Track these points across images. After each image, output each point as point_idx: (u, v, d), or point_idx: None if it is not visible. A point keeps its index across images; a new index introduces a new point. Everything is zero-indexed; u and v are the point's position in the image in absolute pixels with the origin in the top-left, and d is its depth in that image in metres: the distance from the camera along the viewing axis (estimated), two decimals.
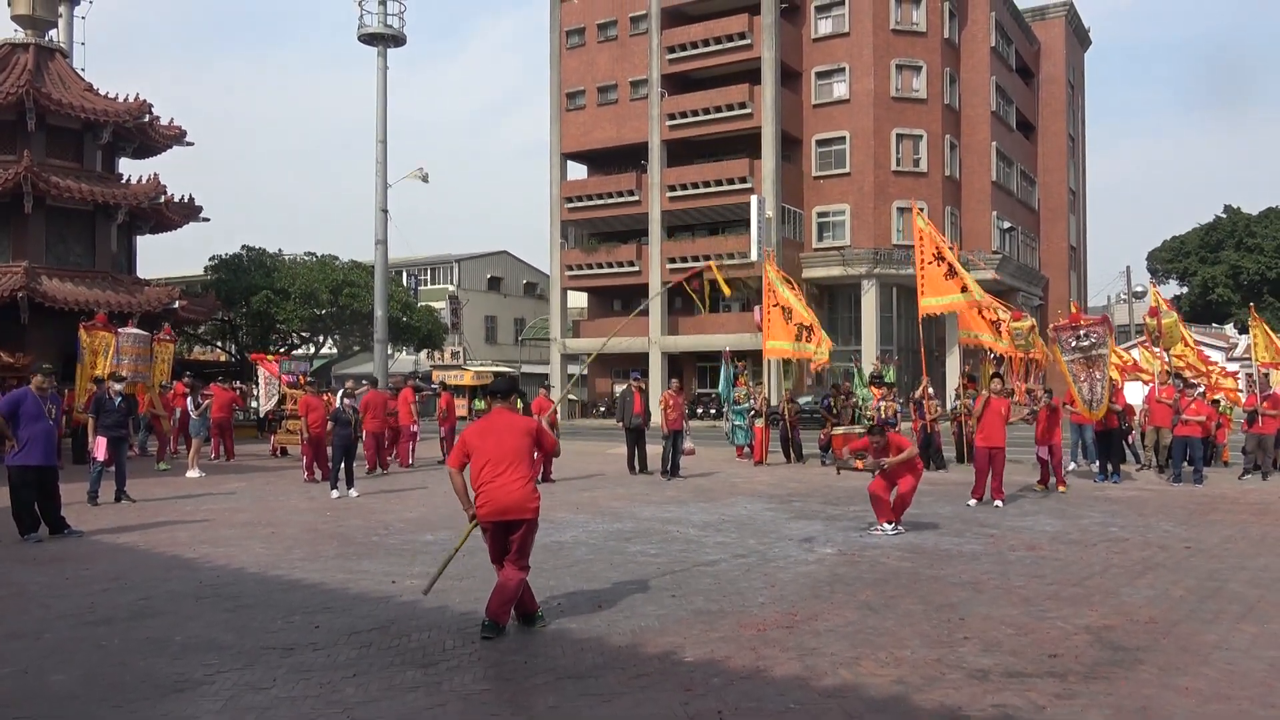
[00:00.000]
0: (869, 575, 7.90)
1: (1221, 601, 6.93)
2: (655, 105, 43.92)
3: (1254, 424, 15.93)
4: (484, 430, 6.24)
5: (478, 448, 6.16)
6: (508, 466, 6.07)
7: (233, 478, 16.42)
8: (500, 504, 6.03)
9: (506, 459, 6.08)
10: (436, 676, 5.22)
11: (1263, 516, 11.40)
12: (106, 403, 12.75)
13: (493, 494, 6.03)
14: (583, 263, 46.27)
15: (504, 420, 6.29)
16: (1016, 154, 50.21)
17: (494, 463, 6.07)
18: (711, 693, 4.92)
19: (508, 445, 6.13)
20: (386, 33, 29.69)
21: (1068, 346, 15.25)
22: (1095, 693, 4.91)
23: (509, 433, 6.19)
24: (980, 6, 45.93)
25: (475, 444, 6.18)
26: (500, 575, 6.12)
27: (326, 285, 35.69)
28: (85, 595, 7.24)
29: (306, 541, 9.71)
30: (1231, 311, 62.28)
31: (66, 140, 24.79)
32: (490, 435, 6.18)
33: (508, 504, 6.03)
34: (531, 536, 6.20)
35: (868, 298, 41.61)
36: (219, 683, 5.13)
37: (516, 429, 6.24)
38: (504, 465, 6.06)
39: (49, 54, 25.48)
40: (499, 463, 6.07)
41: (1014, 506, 12.31)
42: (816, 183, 43.73)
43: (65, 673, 5.34)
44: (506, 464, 6.07)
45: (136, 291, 24.93)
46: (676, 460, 16.63)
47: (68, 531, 10.06)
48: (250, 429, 27.09)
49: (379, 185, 29.49)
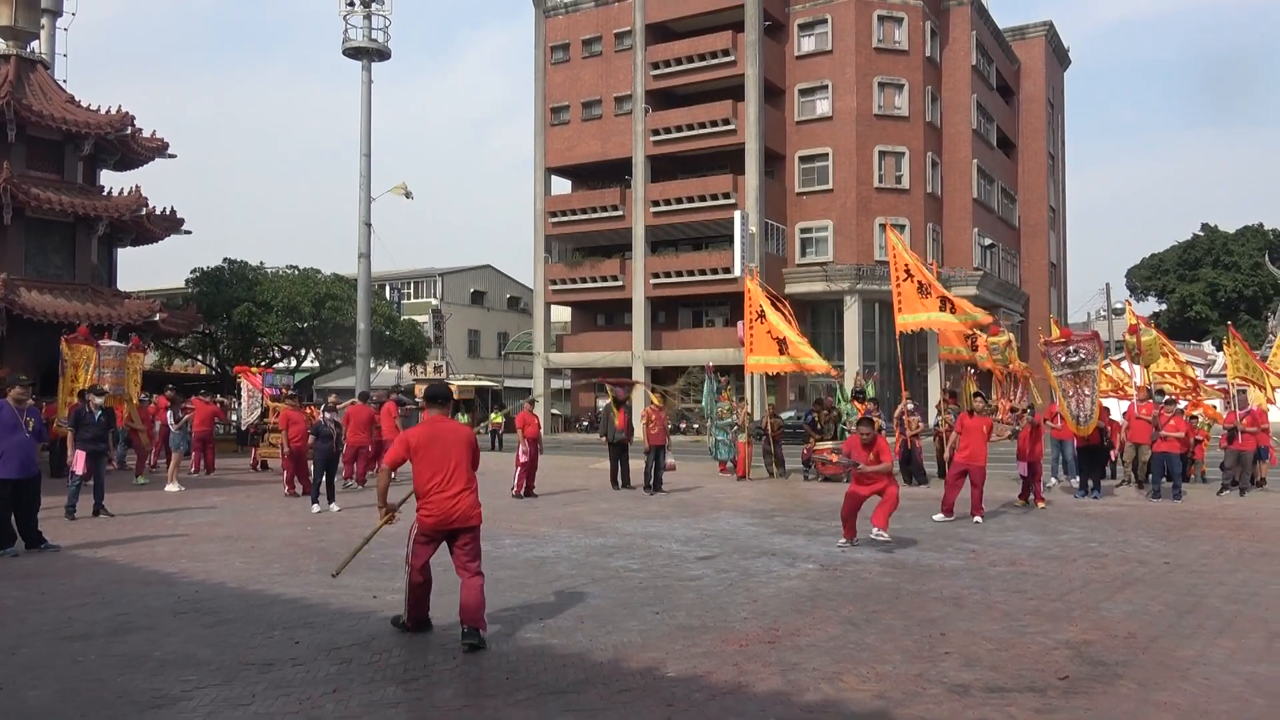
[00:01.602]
0: (850, 590, 7.91)
1: (1200, 616, 6.98)
2: (639, 121, 44.10)
3: (1234, 440, 16.06)
4: (429, 438, 6.36)
5: (423, 455, 6.30)
6: (455, 477, 6.28)
7: (212, 492, 16.30)
8: (450, 514, 6.24)
9: (453, 470, 6.29)
10: (417, 693, 5.19)
11: (1240, 532, 11.49)
12: (86, 416, 12.64)
13: (442, 504, 6.23)
14: (566, 277, 46.30)
15: (447, 429, 6.46)
16: (997, 171, 50.65)
17: (442, 473, 6.26)
18: (694, 708, 4.92)
19: (454, 456, 6.32)
20: (371, 46, 29.71)
21: (1058, 362, 15.37)
22: (1075, 708, 4.94)
23: (454, 444, 6.38)
24: (961, 26, 46.41)
25: (420, 451, 6.31)
26: (463, 585, 6.27)
27: (309, 298, 35.54)
28: (62, 610, 7.17)
29: (287, 556, 9.65)
30: (1209, 328, 62.91)
31: (47, 152, 24.63)
32: (436, 445, 6.33)
33: (455, 515, 6.25)
34: (478, 542, 6.42)
35: (850, 313, 41.81)
36: (197, 699, 5.08)
37: (460, 440, 6.43)
38: (451, 476, 6.28)
39: (30, 65, 25.34)
40: (447, 473, 6.27)
41: (995, 522, 12.36)
42: (799, 199, 43.98)
43: (41, 689, 5.28)
44: (453, 474, 6.29)
45: (117, 304, 24.76)
46: (659, 475, 16.64)
47: (44, 546, 9.95)
48: (231, 443, 26.89)
49: (362, 198, 29.43)
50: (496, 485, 17.10)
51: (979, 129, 47.22)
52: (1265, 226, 71.60)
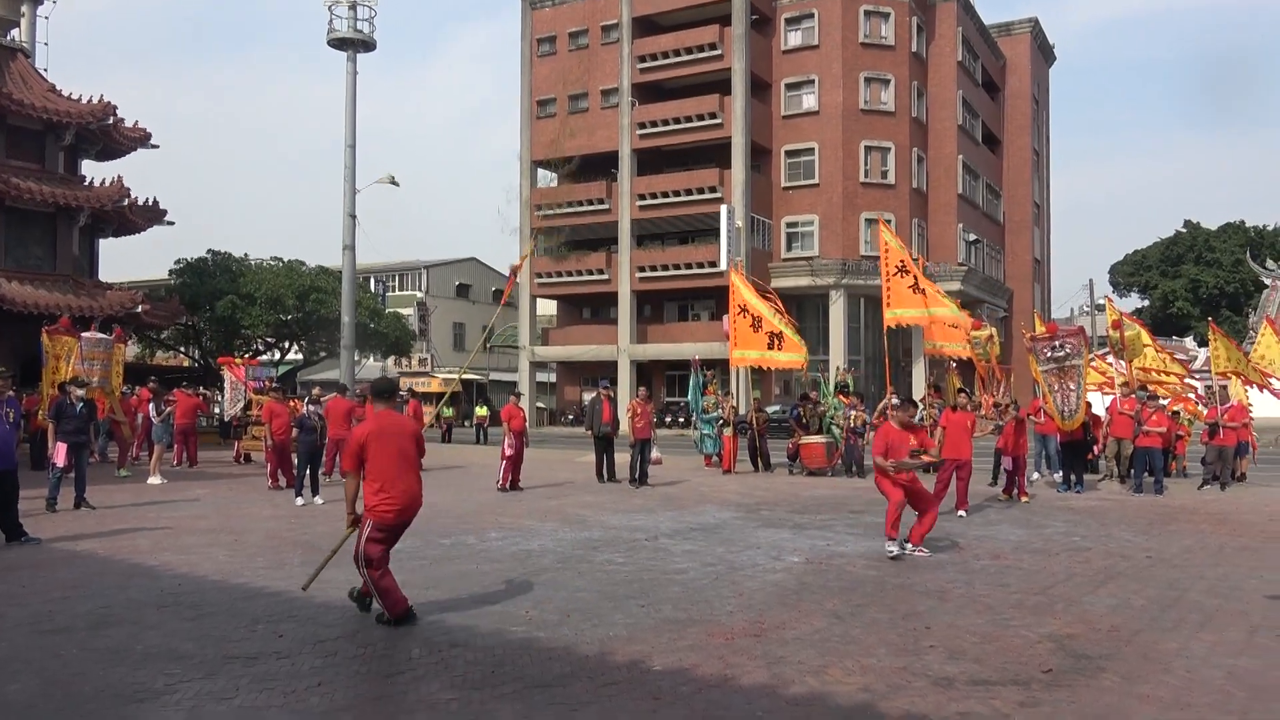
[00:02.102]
0: (836, 584, 7.93)
1: (1181, 610, 7.03)
2: (626, 114, 44.01)
3: (1215, 436, 16.19)
4: (379, 434, 6.47)
5: (376, 451, 6.43)
6: (407, 470, 6.51)
7: (195, 484, 16.20)
8: (407, 505, 6.45)
9: (406, 463, 6.51)
10: (402, 686, 5.17)
11: (1221, 527, 11.59)
12: (67, 408, 12.54)
13: (399, 497, 6.40)
14: (552, 270, 46.21)
15: (394, 423, 6.62)
16: (982, 167, 50.82)
17: (396, 466, 6.45)
18: (680, 701, 4.92)
19: (406, 451, 6.54)
20: (356, 38, 29.47)
21: (1043, 357, 15.44)
22: (1058, 700, 4.97)
23: (404, 438, 6.55)
24: (947, 21, 46.49)
25: (373, 448, 6.43)
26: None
27: (293, 291, 35.31)
28: (43, 603, 7.11)
29: (270, 549, 9.60)
30: (1191, 325, 63.33)
31: (28, 141, 24.40)
32: (387, 439, 6.47)
33: (410, 504, 6.47)
34: None
35: (835, 308, 41.89)
36: (180, 692, 5.05)
37: (408, 433, 6.62)
38: (404, 468, 6.48)
39: (11, 54, 25.11)
40: (400, 466, 6.46)
41: (978, 516, 12.42)
42: (785, 193, 44.01)
43: (21, 682, 5.24)
44: (407, 467, 6.51)
45: (98, 295, 24.57)
46: (644, 469, 16.63)
47: (24, 539, 9.86)
48: (213, 435, 26.73)
49: (347, 190, 29.26)
50: (482, 479, 17.10)
51: (964, 125, 47.36)
52: (1247, 224, 72.05)
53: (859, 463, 18.26)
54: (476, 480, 17.37)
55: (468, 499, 14.39)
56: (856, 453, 18.33)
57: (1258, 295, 48.89)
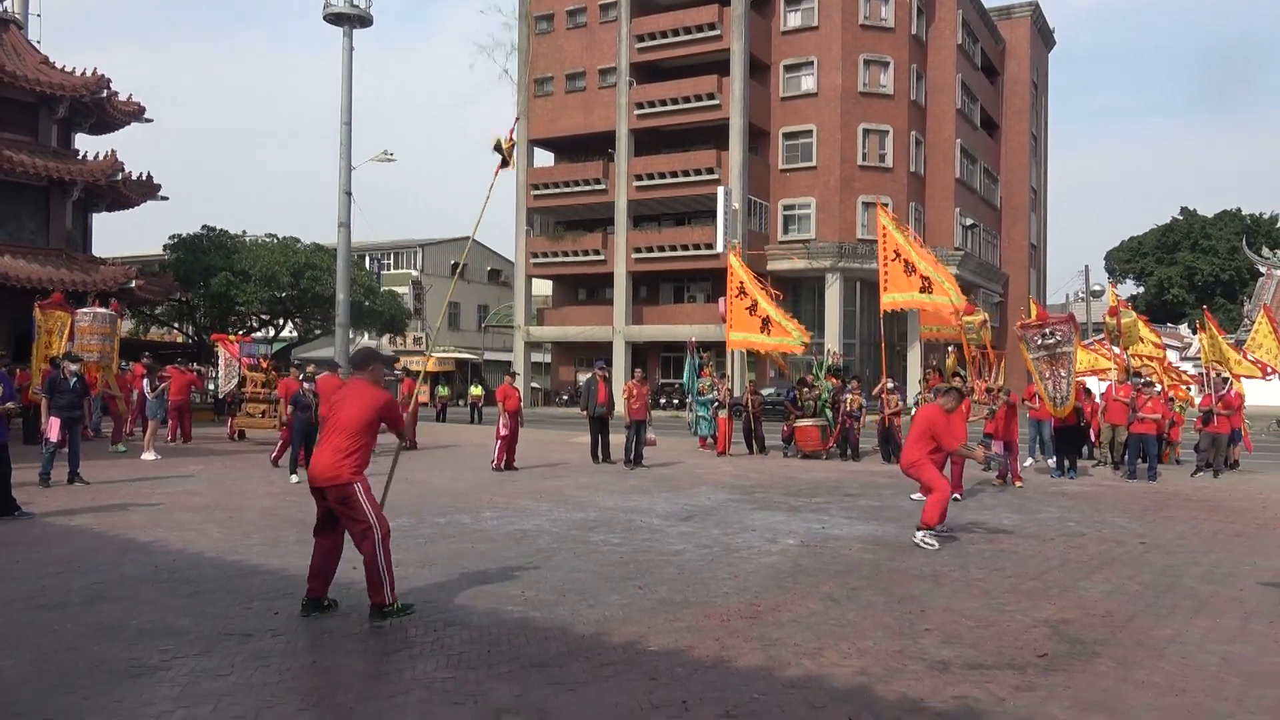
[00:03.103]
0: (831, 566, 7.94)
1: (1176, 596, 7.05)
2: (623, 94, 43.78)
3: (1209, 423, 16.22)
4: (329, 394, 6.44)
5: (323, 414, 6.34)
6: (334, 436, 6.11)
7: (190, 461, 16.16)
8: (312, 473, 6.12)
9: (337, 428, 6.12)
10: (399, 664, 5.17)
11: (1214, 513, 11.63)
12: (61, 383, 12.49)
13: (311, 463, 6.17)
14: (548, 250, 46.09)
15: (352, 390, 6.30)
16: (980, 151, 50.69)
17: (324, 430, 6.24)
18: (676, 682, 4.92)
19: (343, 415, 6.14)
20: (352, 12, 29.20)
21: (1034, 344, 15.45)
22: (1054, 685, 4.97)
23: (350, 402, 6.18)
24: (947, 4, 46.24)
25: (323, 409, 6.39)
26: None
27: (288, 268, 35.17)
28: (36, 579, 7.09)
29: (266, 526, 9.59)
30: (1186, 312, 63.50)
31: (20, 114, 24.18)
32: (331, 402, 6.29)
33: (317, 472, 6.07)
34: (352, 504, 6.03)
35: (832, 291, 41.85)
36: (175, 669, 5.04)
37: (362, 399, 6.19)
38: (332, 434, 6.13)
39: (2, 25, 24.84)
40: (328, 431, 6.17)
41: (973, 500, 12.45)
42: (783, 175, 43.86)
43: (15, 658, 5.22)
44: (335, 433, 6.11)
45: (92, 270, 24.42)
46: (639, 450, 16.63)
47: (18, 513, 9.84)
48: (208, 412, 26.68)
49: (343, 168, 29.07)
50: (477, 458, 17.10)
51: (963, 108, 47.20)
52: (1243, 211, 72.24)
53: (854, 446, 18.32)
54: (471, 459, 17.36)
55: (462, 478, 14.38)
56: (853, 436, 18.38)
57: (1253, 283, 48.96)
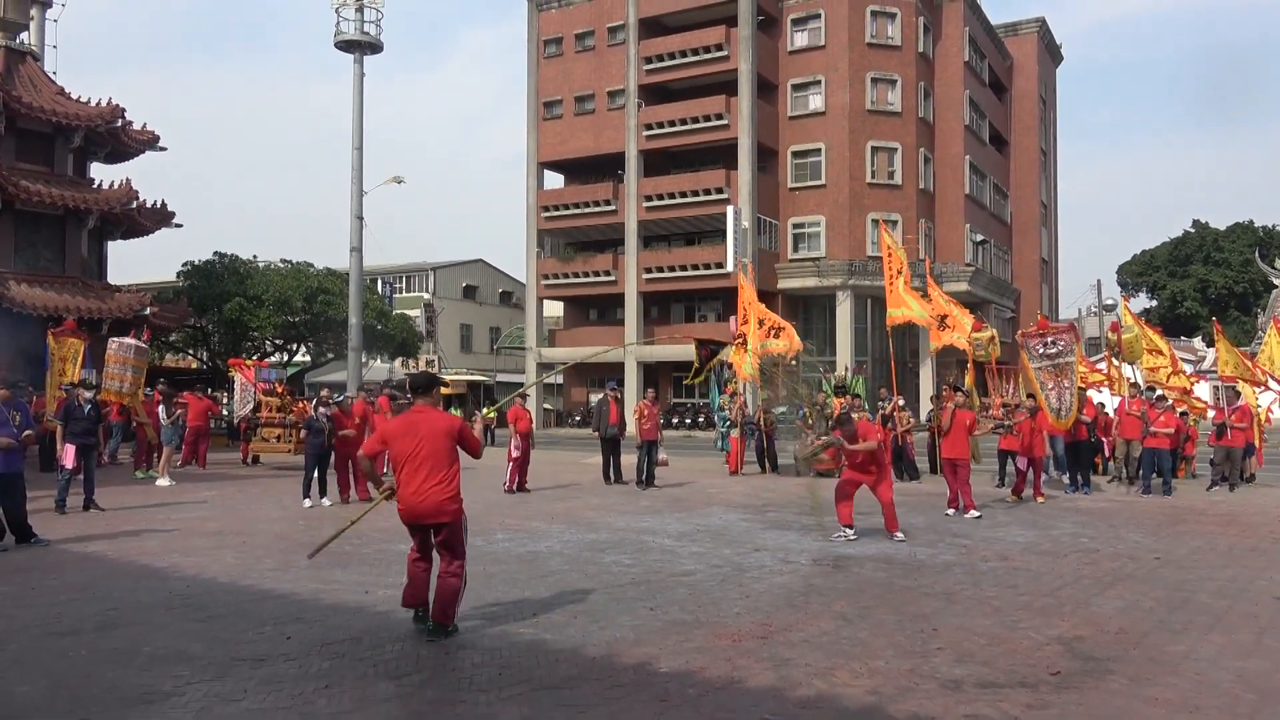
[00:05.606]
0: (843, 585, 7.92)
1: (1190, 612, 7.01)
2: (632, 115, 44.01)
3: (1222, 437, 16.12)
4: (405, 428, 6.25)
5: (398, 447, 6.19)
6: (427, 470, 6.09)
7: (204, 486, 16.24)
8: (417, 510, 6.11)
9: (426, 462, 6.10)
10: (410, 688, 5.18)
11: (1230, 528, 11.54)
12: (76, 410, 12.59)
13: (408, 499, 6.11)
14: (559, 272, 46.24)
15: (425, 419, 6.26)
16: (989, 167, 50.69)
17: (412, 465, 6.11)
18: (687, 704, 4.91)
19: (427, 448, 6.11)
20: (363, 40, 29.58)
21: (1035, 354, 15.35)
22: (1067, 703, 4.95)
23: (430, 435, 6.16)
24: (954, 21, 46.39)
25: (395, 443, 6.22)
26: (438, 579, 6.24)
27: (300, 292, 35.38)
28: (51, 605, 7.13)
29: (278, 551, 9.62)
30: (1199, 325, 63.14)
31: (37, 144, 24.51)
32: (410, 435, 6.18)
33: (425, 510, 6.09)
34: (457, 536, 6.22)
35: (842, 309, 41.80)
36: (188, 694, 5.06)
37: (438, 430, 6.20)
38: (423, 468, 6.09)
39: (20, 57, 25.21)
40: (418, 465, 6.10)
41: (986, 517, 12.39)
42: (792, 194, 43.94)
43: (30, 684, 5.26)
44: (426, 467, 6.09)
45: (107, 297, 24.65)
46: (651, 470, 16.62)
47: (34, 540, 9.90)
48: (221, 437, 26.78)
49: (354, 192, 29.37)
50: (488, 480, 17.09)
51: (971, 125, 47.24)
52: (1255, 224, 71.89)
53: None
54: (483, 481, 17.37)
55: (474, 500, 14.31)
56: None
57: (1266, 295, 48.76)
